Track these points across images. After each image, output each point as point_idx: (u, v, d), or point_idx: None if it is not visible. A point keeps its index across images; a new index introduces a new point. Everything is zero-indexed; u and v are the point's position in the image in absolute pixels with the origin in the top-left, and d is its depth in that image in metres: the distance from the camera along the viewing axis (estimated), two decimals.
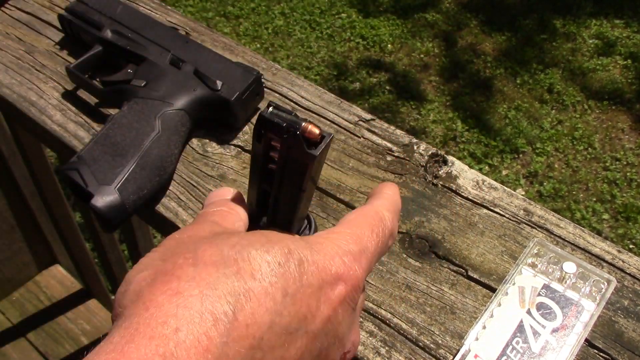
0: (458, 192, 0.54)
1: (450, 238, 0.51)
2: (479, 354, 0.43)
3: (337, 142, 0.59)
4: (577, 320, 0.44)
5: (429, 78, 2.91)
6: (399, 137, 0.59)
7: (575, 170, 2.51)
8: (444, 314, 0.47)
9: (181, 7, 3.28)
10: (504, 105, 2.76)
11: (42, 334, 1.46)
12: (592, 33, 3.08)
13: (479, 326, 0.45)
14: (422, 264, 0.50)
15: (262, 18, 3.22)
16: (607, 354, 0.44)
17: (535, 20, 3.16)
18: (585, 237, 0.51)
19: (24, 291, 1.52)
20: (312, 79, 2.89)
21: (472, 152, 2.56)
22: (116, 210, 0.50)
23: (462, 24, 3.17)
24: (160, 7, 0.73)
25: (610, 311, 0.46)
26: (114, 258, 1.25)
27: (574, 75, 2.88)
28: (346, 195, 0.54)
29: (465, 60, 2.98)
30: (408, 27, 3.16)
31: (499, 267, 0.49)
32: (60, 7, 0.73)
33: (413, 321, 0.46)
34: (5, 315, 1.48)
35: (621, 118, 2.72)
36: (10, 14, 0.73)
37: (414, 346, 0.45)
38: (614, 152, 2.57)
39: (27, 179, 1.27)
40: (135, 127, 0.54)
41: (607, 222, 2.33)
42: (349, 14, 3.24)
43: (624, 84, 2.84)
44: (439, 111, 2.74)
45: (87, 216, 1.17)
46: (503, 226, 0.52)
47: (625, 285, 0.48)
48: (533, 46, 3.02)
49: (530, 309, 0.45)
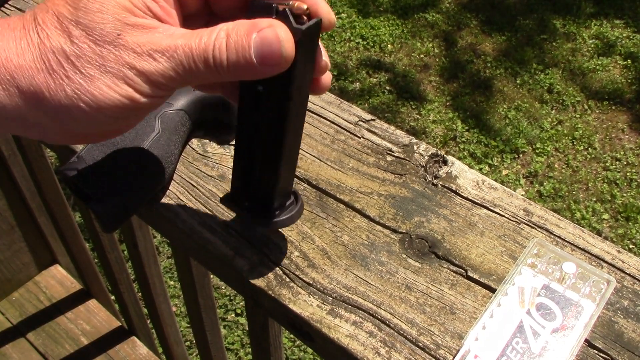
0: (458, 192, 0.54)
1: (450, 238, 0.51)
2: (478, 354, 0.43)
3: (337, 142, 0.59)
4: (576, 321, 0.44)
5: (429, 78, 2.91)
6: (399, 137, 0.59)
7: (575, 170, 2.51)
8: (443, 315, 0.47)
9: None
10: (504, 105, 2.76)
11: (42, 334, 1.46)
12: (592, 33, 3.08)
13: (479, 326, 0.45)
14: (421, 264, 0.50)
15: None
16: (607, 354, 0.44)
17: (535, 20, 3.16)
18: (585, 237, 0.51)
19: (24, 291, 1.52)
20: None
21: (472, 152, 2.56)
22: (116, 211, 0.50)
23: (462, 24, 3.16)
24: None
25: (610, 311, 0.46)
26: (114, 258, 1.25)
27: (574, 76, 2.88)
28: (346, 196, 0.54)
29: (465, 60, 2.98)
30: (408, 27, 3.16)
31: (499, 268, 0.49)
32: None
33: (413, 321, 0.46)
34: (5, 316, 1.49)
35: (621, 118, 2.72)
36: (10, 14, 0.73)
37: (413, 346, 0.45)
38: (614, 152, 2.57)
39: (27, 179, 1.27)
40: (135, 127, 0.54)
41: (607, 222, 2.33)
42: (349, 14, 3.24)
43: (624, 84, 2.84)
44: (439, 111, 2.74)
45: (87, 216, 1.17)
46: (503, 226, 0.52)
47: (625, 286, 0.48)
48: (533, 46, 3.02)
49: (530, 309, 0.45)
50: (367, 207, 0.53)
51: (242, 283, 0.50)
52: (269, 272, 0.49)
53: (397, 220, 0.52)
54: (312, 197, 0.54)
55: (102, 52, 0.34)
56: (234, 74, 0.35)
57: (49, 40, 0.34)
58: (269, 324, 0.65)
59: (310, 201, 0.54)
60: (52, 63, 0.34)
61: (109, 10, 0.34)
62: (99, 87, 0.34)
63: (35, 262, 1.52)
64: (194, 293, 0.85)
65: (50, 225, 1.41)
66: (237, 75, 0.36)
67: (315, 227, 0.52)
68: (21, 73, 0.34)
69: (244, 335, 2.03)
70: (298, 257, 0.50)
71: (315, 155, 0.58)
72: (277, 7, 0.34)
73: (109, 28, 0.34)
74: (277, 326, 0.68)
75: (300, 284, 0.48)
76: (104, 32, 0.34)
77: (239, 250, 0.51)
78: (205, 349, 1.04)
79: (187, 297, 0.91)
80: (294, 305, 0.47)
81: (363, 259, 0.50)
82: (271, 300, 0.48)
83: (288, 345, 1.96)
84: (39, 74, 0.34)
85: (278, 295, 0.48)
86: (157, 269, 1.10)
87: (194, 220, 0.53)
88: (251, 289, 0.50)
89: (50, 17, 0.34)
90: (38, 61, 0.34)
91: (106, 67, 0.34)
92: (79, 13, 0.34)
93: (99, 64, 0.34)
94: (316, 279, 0.48)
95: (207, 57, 0.35)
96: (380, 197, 0.54)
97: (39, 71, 0.34)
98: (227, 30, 0.35)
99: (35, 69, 0.34)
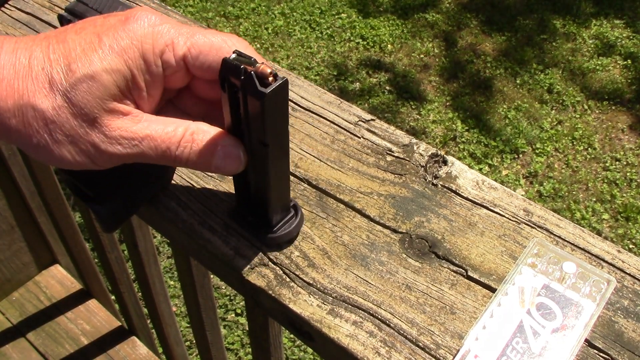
0: (458, 192, 0.54)
1: (450, 238, 0.51)
2: (478, 354, 0.43)
3: (337, 142, 0.59)
4: (577, 321, 0.44)
5: (429, 78, 2.91)
6: (398, 137, 0.59)
7: (575, 170, 2.51)
8: (443, 314, 0.47)
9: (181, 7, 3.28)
10: (504, 105, 2.76)
11: (42, 334, 1.46)
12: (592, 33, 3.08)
13: (479, 326, 0.45)
14: (422, 264, 0.50)
15: (262, 18, 3.22)
16: (607, 354, 0.44)
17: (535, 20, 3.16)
18: (585, 237, 0.51)
19: (24, 291, 1.52)
20: (312, 79, 2.89)
21: (472, 152, 2.56)
22: (116, 211, 0.50)
23: (462, 24, 3.17)
24: (160, 7, 0.73)
25: (610, 311, 0.46)
26: (114, 258, 1.25)
27: (574, 76, 2.88)
28: (346, 196, 0.54)
29: (465, 60, 2.98)
30: (408, 27, 3.16)
31: (499, 267, 0.49)
32: (60, 8, 0.73)
33: (413, 321, 0.46)
34: (5, 315, 1.48)
35: (621, 118, 2.72)
36: (10, 14, 0.73)
37: (413, 346, 0.45)
38: (614, 152, 2.57)
39: (27, 179, 1.27)
40: None
41: (607, 222, 2.33)
42: (349, 14, 3.24)
43: (623, 84, 2.84)
44: (439, 111, 2.74)
45: (87, 216, 1.17)
46: (503, 226, 0.52)
47: (625, 285, 0.48)
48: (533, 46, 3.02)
49: (530, 309, 0.45)
50: (367, 207, 0.53)
51: (242, 283, 0.50)
52: (269, 272, 0.49)
53: (397, 220, 0.52)
54: (312, 197, 0.54)
55: (75, 126, 0.38)
56: (189, 167, 0.42)
57: (34, 97, 0.37)
58: (269, 324, 0.65)
59: (310, 201, 0.54)
60: (29, 117, 0.37)
61: (94, 93, 0.37)
62: (61, 151, 0.38)
63: (35, 262, 1.52)
64: (194, 293, 0.85)
65: (50, 225, 1.41)
66: (191, 167, 0.42)
67: (315, 227, 0.52)
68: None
69: (244, 335, 2.03)
70: (298, 257, 0.50)
71: (315, 155, 0.58)
72: (245, 69, 0.37)
73: (88, 109, 0.38)
74: (277, 326, 0.68)
75: (300, 283, 0.48)
76: (83, 112, 0.38)
77: (239, 250, 0.51)
78: (205, 349, 1.04)
79: (187, 297, 0.91)
80: (294, 305, 0.47)
81: (363, 259, 0.50)
82: (271, 300, 0.48)
83: (288, 345, 1.96)
84: (14, 119, 0.37)
85: (278, 295, 0.48)
86: (157, 269, 1.10)
87: (194, 220, 0.53)
88: (251, 288, 0.50)
89: (43, 77, 0.37)
90: (17, 110, 0.37)
91: (74, 138, 0.38)
92: (68, 86, 0.37)
93: (69, 134, 0.38)
94: (316, 278, 0.48)
95: (169, 153, 0.40)
96: (380, 197, 0.54)
97: (14, 117, 0.37)
98: (193, 134, 0.40)
99: (13, 114, 0.37)
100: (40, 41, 0.39)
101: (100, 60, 0.37)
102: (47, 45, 0.38)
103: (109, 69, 0.37)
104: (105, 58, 0.37)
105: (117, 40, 0.38)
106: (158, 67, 0.39)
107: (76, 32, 0.39)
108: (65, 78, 0.37)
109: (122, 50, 0.38)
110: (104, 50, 0.38)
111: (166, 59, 0.39)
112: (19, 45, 0.38)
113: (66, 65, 0.37)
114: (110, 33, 0.38)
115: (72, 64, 0.37)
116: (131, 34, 0.38)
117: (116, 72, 0.38)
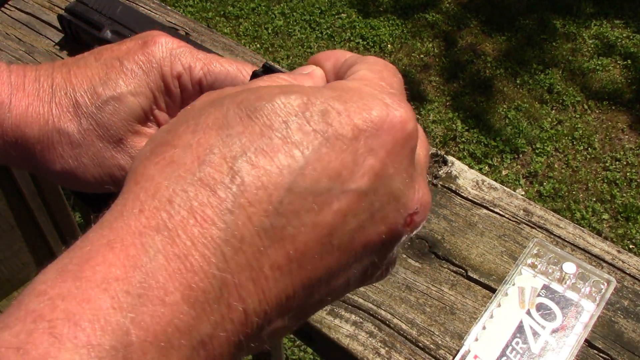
0: (458, 192, 0.54)
1: (450, 238, 0.51)
2: (478, 354, 0.43)
3: None
4: (576, 321, 0.44)
5: (429, 78, 2.91)
6: None
7: (575, 170, 2.51)
8: (443, 315, 0.47)
9: (181, 7, 3.28)
10: (504, 105, 2.76)
11: None
12: (592, 33, 3.08)
13: (479, 327, 0.45)
14: (422, 265, 0.50)
15: (262, 18, 3.22)
16: (606, 355, 0.44)
17: (535, 20, 3.16)
18: (585, 238, 0.51)
19: None
20: None
21: (472, 152, 2.56)
22: None
23: (462, 24, 3.17)
24: (160, 7, 0.73)
25: (610, 311, 0.46)
26: None
27: (574, 76, 2.88)
28: None
29: (465, 60, 2.98)
30: (408, 27, 3.16)
31: (499, 268, 0.49)
32: (60, 8, 0.73)
33: (413, 322, 0.46)
34: None
35: (621, 118, 2.72)
36: (10, 14, 0.73)
37: (413, 347, 0.45)
38: (614, 152, 2.57)
39: (27, 179, 1.27)
40: None
41: (607, 222, 2.33)
42: (349, 14, 3.24)
43: (623, 84, 2.84)
44: (439, 111, 2.74)
45: (87, 216, 1.17)
46: (503, 226, 0.52)
47: (625, 286, 0.48)
48: (533, 46, 3.02)
49: (530, 309, 0.45)
50: None
51: None
52: None
53: None
54: None
55: (101, 148, 0.38)
56: None
57: (59, 122, 0.37)
58: None
59: None
60: (54, 142, 0.37)
61: (120, 115, 0.38)
62: (86, 175, 0.38)
63: (35, 262, 1.52)
64: None
65: (50, 225, 1.41)
66: None
67: None
68: (22, 132, 0.37)
69: None
70: None
71: None
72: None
73: (115, 130, 0.38)
74: None
75: None
76: (109, 133, 0.38)
77: None
78: None
79: None
80: None
81: None
82: None
83: (288, 345, 1.96)
84: (38, 145, 0.37)
85: None
86: None
87: None
88: None
89: (66, 101, 0.37)
90: (42, 135, 0.37)
91: (100, 161, 0.38)
92: (94, 108, 0.37)
93: (95, 157, 0.38)
94: None
95: None
96: None
97: (39, 143, 0.37)
98: None
99: (37, 140, 0.37)
100: (60, 68, 0.39)
101: (125, 84, 0.38)
102: (68, 71, 0.38)
103: (134, 92, 0.38)
104: (130, 81, 0.38)
105: (139, 64, 0.38)
106: (176, 89, 0.40)
107: (95, 58, 0.39)
108: (91, 100, 0.37)
109: (145, 74, 0.38)
110: (127, 74, 0.38)
111: (183, 82, 0.40)
112: (40, 73, 0.38)
113: (90, 88, 0.37)
114: (131, 57, 0.39)
115: (97, 87, 0.37)
116: (150, 57, 0.39)
117: (140, 94, 0.38)
